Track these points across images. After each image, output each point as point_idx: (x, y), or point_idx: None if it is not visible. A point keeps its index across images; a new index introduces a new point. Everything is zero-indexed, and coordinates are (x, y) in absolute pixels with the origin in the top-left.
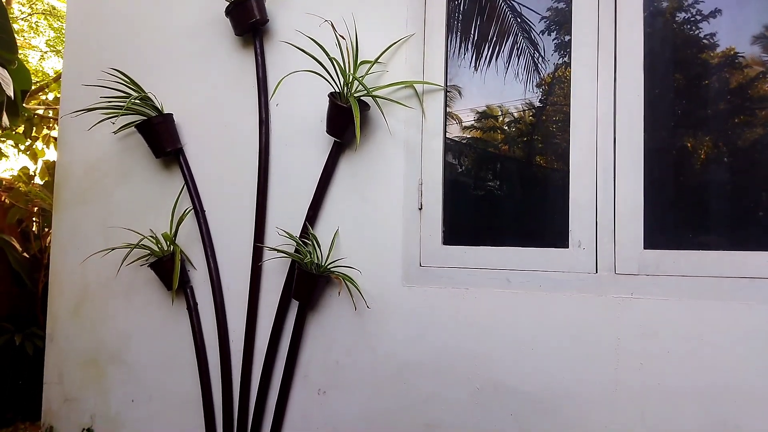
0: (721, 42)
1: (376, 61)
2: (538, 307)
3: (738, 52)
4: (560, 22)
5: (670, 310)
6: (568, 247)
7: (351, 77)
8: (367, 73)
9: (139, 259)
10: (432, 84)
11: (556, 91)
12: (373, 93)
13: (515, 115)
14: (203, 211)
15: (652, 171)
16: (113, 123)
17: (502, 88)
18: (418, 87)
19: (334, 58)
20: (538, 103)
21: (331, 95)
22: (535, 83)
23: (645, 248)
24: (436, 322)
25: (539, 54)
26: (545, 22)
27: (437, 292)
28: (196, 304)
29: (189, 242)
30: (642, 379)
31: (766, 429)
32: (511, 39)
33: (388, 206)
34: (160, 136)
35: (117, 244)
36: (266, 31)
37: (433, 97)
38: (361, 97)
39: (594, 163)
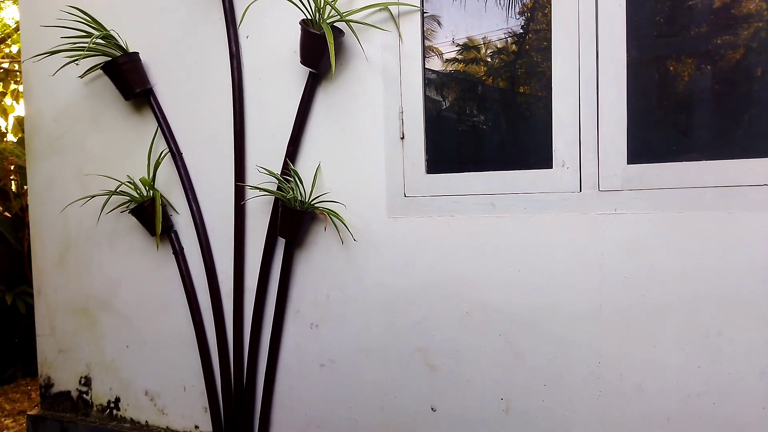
0: None
1: None
2: (523, 229)
3: None
4: None
5: (653, 224)
6: (551, 167)
7: (323, 2)
8: None
9: (120, 206)
10: (408, 5)
11: (539, 17)
12: (347, 18)
13: (498, 45)
14: (180, 154)
15: (635, 85)
16: (77, 65)
17: (483, 17)
18: (394, 9)
19: None
20: (520, 30)
21: (303, 22)
22: (517, 10)
23: (628, 163)
24: (423, 251)
25: None
26: None
27: (423, 222)
28: (182, 247)
29: (168, 186)
30: (626, 293)
31: (745, 331)
32: None
33: (369, 137)
34: (128, 77)
35: (95, 191)
36: None
37: (410, 19)
38: (335, 23)
39: (576, 80)
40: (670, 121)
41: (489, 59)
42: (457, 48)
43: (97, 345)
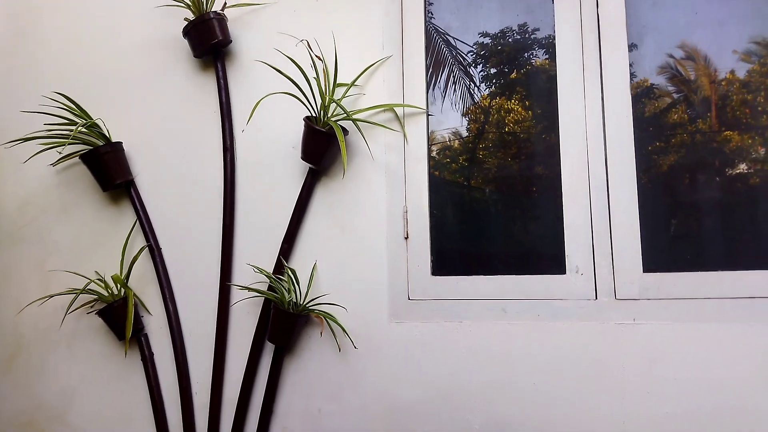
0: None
1: (353, 83)
2: (537, 338)
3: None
4: (486, 55)
5: (673, 335)
6: (565, 273)
7: (329, 100)
8: (344, 96)
9: (85, 305)
10: (414, 107)
11: (548, 116)
12: (353, 116)
13: (508, 139)
14: (159, 249)
15: (646, 193)
16: (60, 152)
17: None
18: (399, 110)
19: (315, 78)
20: (530, 131)
21: (307, 119)
22: (521, 106)
23: (644, 271)
24: (428, 360)
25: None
26: (471, 55)
27: (428, 327)
28: (151, 353)
29: (142, 284)
30: (650, 407)
31: None
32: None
33: (371, 236)
34: (109, 167)
35: (58, 289)
36: (228, 53)
37: (415, 120)
38: (339, 121)
39: (587, 186)
40: (685, 229)
41: (498, 156)
42: (465, 145)
43: None
